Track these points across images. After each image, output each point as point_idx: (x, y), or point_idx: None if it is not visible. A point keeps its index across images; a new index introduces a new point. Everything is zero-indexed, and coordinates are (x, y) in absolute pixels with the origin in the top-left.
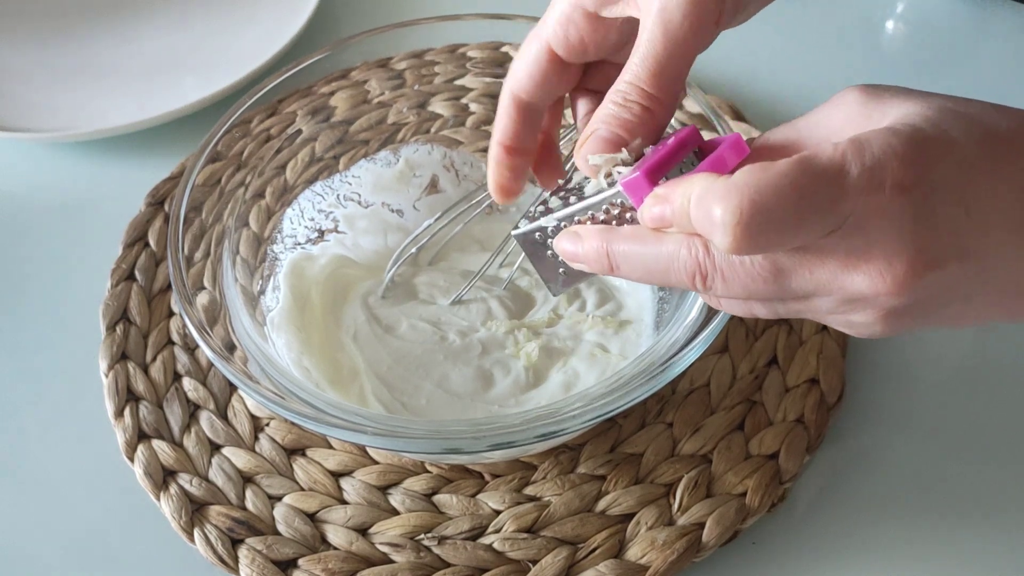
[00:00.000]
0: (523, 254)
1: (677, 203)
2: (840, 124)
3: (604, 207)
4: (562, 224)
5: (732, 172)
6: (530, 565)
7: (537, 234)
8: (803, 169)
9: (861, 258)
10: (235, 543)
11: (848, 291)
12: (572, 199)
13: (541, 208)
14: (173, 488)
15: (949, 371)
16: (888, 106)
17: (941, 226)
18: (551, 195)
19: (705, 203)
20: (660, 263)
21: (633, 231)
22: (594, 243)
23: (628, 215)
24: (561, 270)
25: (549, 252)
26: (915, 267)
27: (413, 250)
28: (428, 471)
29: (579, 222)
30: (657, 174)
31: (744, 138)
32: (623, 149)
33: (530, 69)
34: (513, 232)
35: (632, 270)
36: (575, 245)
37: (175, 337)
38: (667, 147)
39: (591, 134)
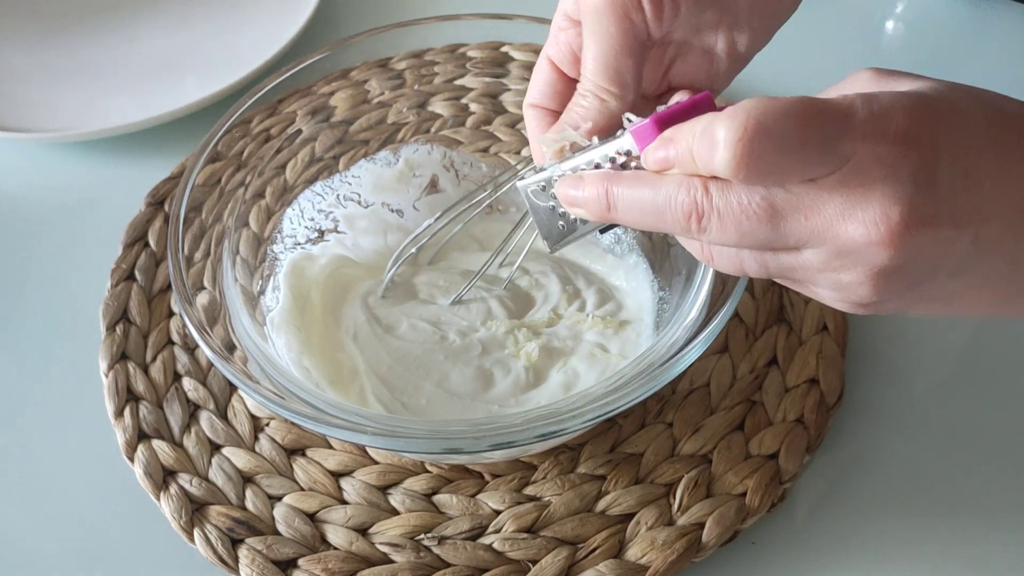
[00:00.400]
0: (523, 254)
1: (682, 142)
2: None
3: (610, 156)
4: (567, 173)
5: None
6: (530, 565)
7: (542, 184)
8: (811, 103)
9: (857, 206)
10: (235, 543)
11: (841, 240)
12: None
13: (549, 163)
14: (173, 488)
15: (949, 371)
16: (899, 82)
17: (940, 187)
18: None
19: (710, 129)
20: (657, 204)
21: (634, 174)
22: (594, 186)
23: (632, 164)
24: (560, 223)
25: (551, 203)
26: (910, 220)
27: (413, 250)
28: (428, 471)
29: (582, 170)
30: (665, 125)
31: None
32: (568, 128)
33: (539, 83)
34: (518, 183)
35: (628, 211)
36: (576, 189)
37: (175, 337)
38: (680, 104)
39: (558, 122)
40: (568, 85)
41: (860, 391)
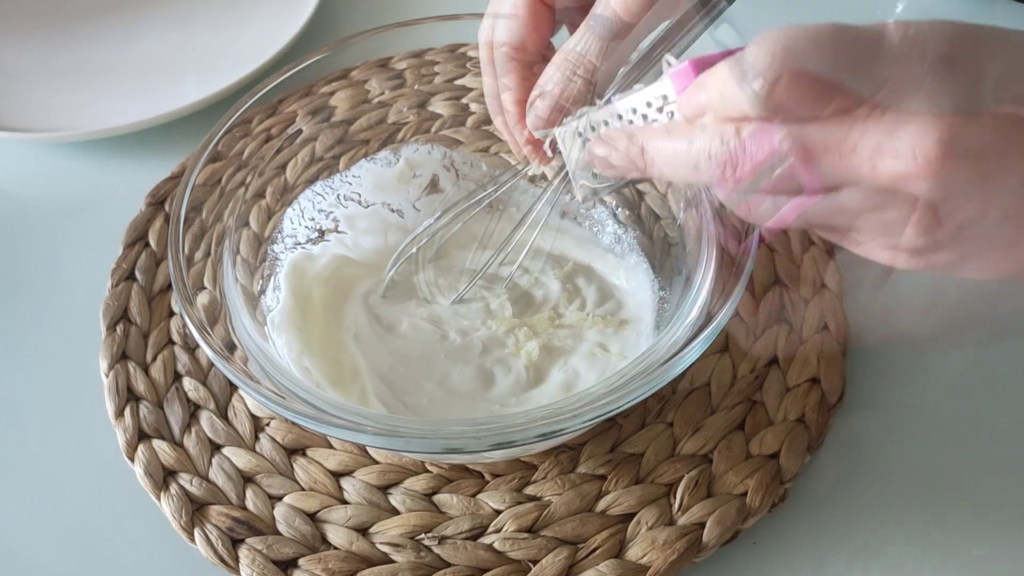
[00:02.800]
0: (523, 253)
1: (714, 85)
2: None
3: (646, 101)
4: (603, 119)
5: None
6: (530, 565)
7: (579, 129)
8: (843, 26)
9: (892, 136)
10: (235, 543)
11: (878, 176)
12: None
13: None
14: (173, 488)
15: (950, 371)
16: None
17: (983, 116)
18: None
19: (739, 61)
20: (692, 156)
21: (666, 127)
22: (627, 143)
23: (668, 109)
24: (593, 170)
25: (583, 152)
26: (949, 149)
27: (413, 249)
28: (428, 471)
29: (620, 117)
30: (703, 69)
31: None
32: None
33: (521, 15)
34: (556, 130)
35: (666, 165)
36: (609, 148)
37: (175, 337)
38: (717, 54)
39: (541, 94)
40: (548, 17)
41: (861, 390)
